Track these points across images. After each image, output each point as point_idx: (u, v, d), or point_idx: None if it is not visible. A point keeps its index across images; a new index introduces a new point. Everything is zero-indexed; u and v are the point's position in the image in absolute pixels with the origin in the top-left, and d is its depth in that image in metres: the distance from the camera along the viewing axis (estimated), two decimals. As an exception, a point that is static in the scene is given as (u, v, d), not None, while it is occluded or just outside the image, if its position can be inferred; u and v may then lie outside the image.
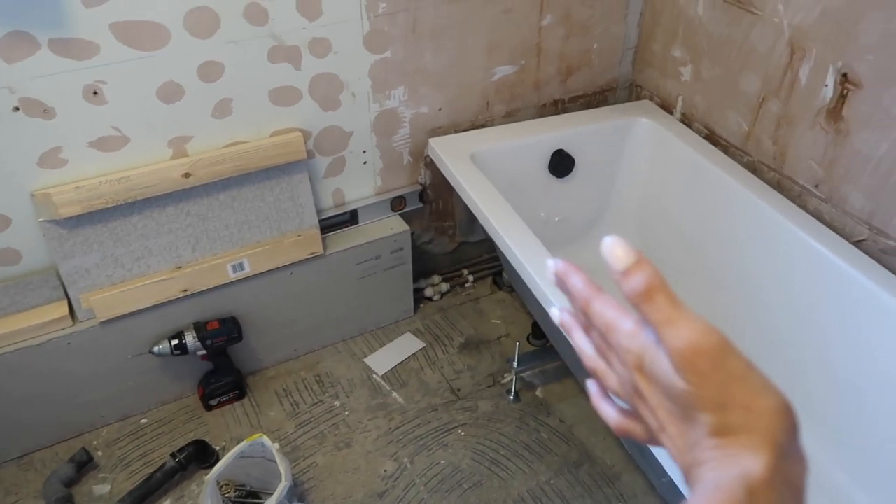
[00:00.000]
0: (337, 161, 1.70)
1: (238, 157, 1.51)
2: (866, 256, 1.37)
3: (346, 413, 1.74)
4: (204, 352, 1.64)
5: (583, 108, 1.93)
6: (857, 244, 1.43)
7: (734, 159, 1.68)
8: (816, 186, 1.51)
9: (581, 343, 0.46)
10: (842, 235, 1.44)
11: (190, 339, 1.61)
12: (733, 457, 0.35)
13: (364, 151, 1.72)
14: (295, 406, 1.76)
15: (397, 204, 1.85)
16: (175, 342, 1.60)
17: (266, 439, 1.45)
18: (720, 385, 0.36)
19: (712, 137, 1.77)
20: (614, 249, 0.39)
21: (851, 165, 1.42)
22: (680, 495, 1.00)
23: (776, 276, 1.52)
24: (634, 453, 1.59)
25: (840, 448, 1.40)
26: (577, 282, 0.43)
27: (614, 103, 1.98)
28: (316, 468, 1.62)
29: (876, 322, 1.31)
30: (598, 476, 1.59)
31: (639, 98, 1.99)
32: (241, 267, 1.63)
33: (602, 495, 1.55)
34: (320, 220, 1.72)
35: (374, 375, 1.84)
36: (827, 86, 1.42)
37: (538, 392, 1.80)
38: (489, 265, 2.15)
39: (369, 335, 1.96)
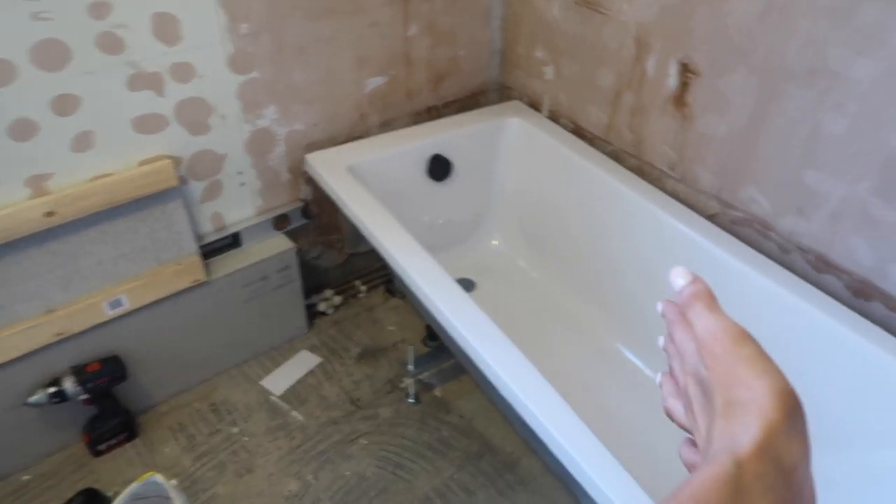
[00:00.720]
0: (213, 185, 1.67)
1: (105, 190, 1.45)
2: (718, 228, 1.50)
3: (246, 438, 1.71)
4: (86, 396, 1.56)
5: (457, 113, 1.99)
6: (711, 218, 1.56)
7: (599, 149, 1.79)
8: (671, 168, 1.63)
9: (665, 343, 0.50)
10: (697, 211, 1.56)
11: (69, 384, 1.53)
12: (731, 432, 0.37)
13: (240, 173, 1.70)
14: (191, 439, 1.71)
15: (280, 222, 1.84)
16: (52, 390, 1.52)
17: (159, 477, 1.41)
18: (730, 366, 0.40)
19: (578, 131, 1.87)
20: (676, 275, 0.48)
21: (698, 147, 1.54)
22: (569, 475, 1.06)
23: (643, 250, 1.63)
24: (528, 438, 1.66)
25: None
26: (668, 308, 0.49)
27: (486, 106, 2.05)
28: (218, 499, 1.58)
29: (721, 284, 1.44)
30: (499, 464, 1.65)
31: (509, 99, 2.08)
32: (119, 303, 1.57)
33: (504, 482, 1.61)
34: (201, 246, 1.68)
35: (272, 397, 1.82)
36: (670, 76, 1.54)
37: (437, 392, 1.84)
38: (380, 274, 2.18)
39: (264, 357, 1.94)
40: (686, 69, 1.50)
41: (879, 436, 1.20)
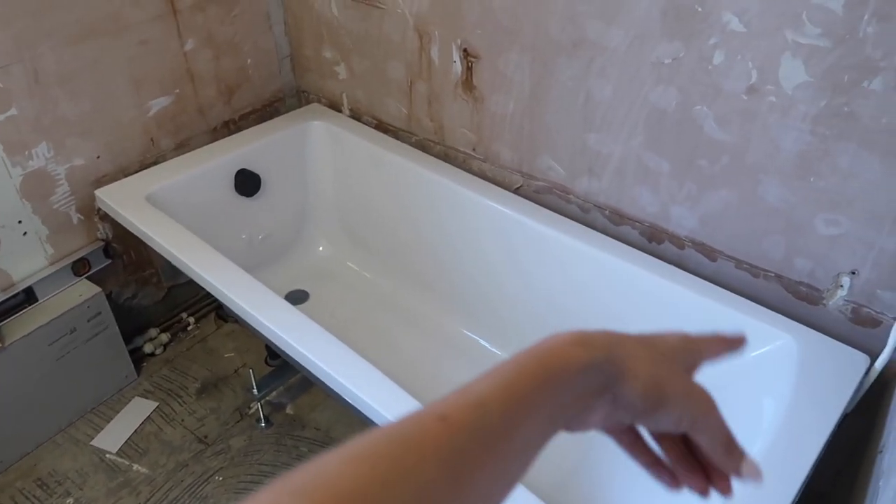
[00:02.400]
0: (-12, 240, 1.48)
1: None
2: (523, 199, 1.56)
3: (85, 507, 1.55)
4: None
5: (256, 124, 1.90)
6: (517, 190, 1.62)
7: (404, 141, 1.79)
8: (474, 150, 1.67)
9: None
10: (503, 186, 1.62)
11: None
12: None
13: (20, 222, 1.52)
14: (19, 523, 1.52)
15: (81, 267, 1.67)
16: None
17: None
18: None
19: (381, 126, 1.86)
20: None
21: (493, 126, 1.59)
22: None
23: (462, 232, 1.66)
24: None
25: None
26: None
27: (285, 112, 1.98)
28: (62, 581, 1.42)
29: (534, 250, 1.51)
30: (364, 468, 1.62)
31: (308, 103, 2.02)
32: None
33: (371, 485, 1.58)
34: (-12, 310, 1.48)
35: (108, 455, 1.66)
36: (455, 61, 1.57)
37: (288, 409, 1.77)
38: (207, 302, 2.05)
39: (91, 414, 1.75)
40: (467, 54, 1.54)
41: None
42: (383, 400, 1.10)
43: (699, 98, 1.22)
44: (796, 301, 1.26)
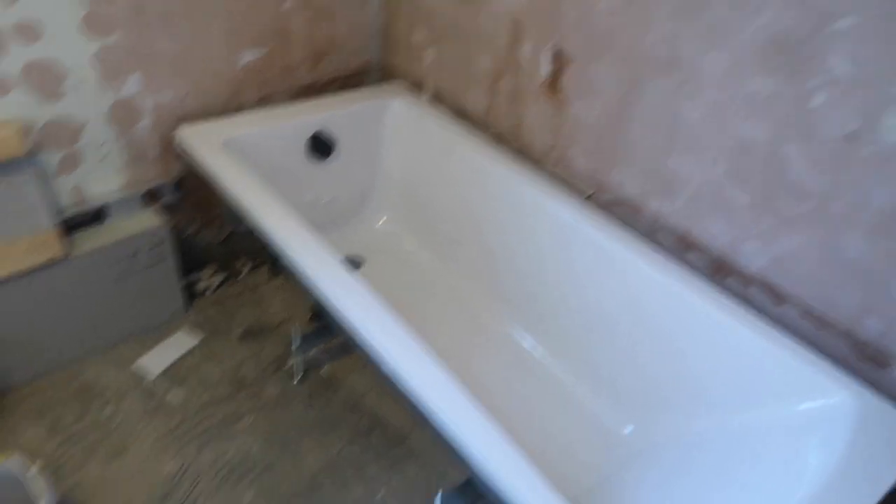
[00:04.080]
0: (71, 156, 1.44)
1: (-64, 158, 1.20)
2: (592, 210, 1.46)
3: (118, 421, 1.51)
4: (-75, 388, 1.31)
5: (338, 91, 1.83)
6: (586, 200, 1.52)
7: (480, 133, 1.71)
8: (549, 152, 1.58)
9: None
10: (574, 193, 1.52)
11: None
12: None
13: (103, 144, 1.47)
14: (56, 422, 1.49)
15: (151, 198, 1.63)
16: None
17: (15, 460, 1.20)
18: None
19: (460, 114, 1.77)
20: None
21: (573, 132, 1.49)
22: (452, 447, 0.98)
23: (523, 231, 1.57)
24: (416, 412, 1.57)
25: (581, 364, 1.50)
26: None
27: (369, 85, 1.91)
28: (87, 483, 1.38)
29: (595, 263, 1.41)
30: (389, 439, 1.56)
31: (392, 80, 1.95)
32: (-37, 284, 1.32)
33: (394, 456, 1.52)
34: (63, 220, 1.45)
35: (147, 378, 1.62)
36: (544, 62, 1.48)
37: (325, 369, 1.71)
38: (264, 253, 1.99)
39: (139, 338, 1.72)
40: (558, 57, 1.44)
41: (733, 398, 1.21)
42: (421, 376, 1.03)
43: (792, 138, 1.10)
44: (861, 362, 1.15)
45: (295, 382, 1.66)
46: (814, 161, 1.10)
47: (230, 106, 1.65)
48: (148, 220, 1.61)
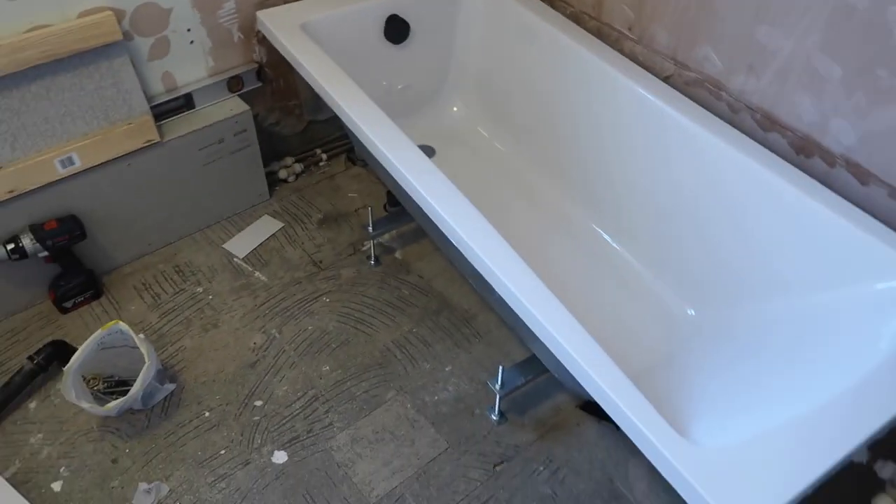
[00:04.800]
0: (160, 42, 1.57)
1: (42, 41, 1.35)
2: (672, 90, 1.46)
3: (210, 297, 1.71)
4: (46, 253, 1.53)
5: (414, -27, 1.85)
6: (666, 80, 1.51)
7: (559, 11, 1.70)
8: (630, 29, 1.56)
9: None
10: (654, 73, 1.51)
11: (27, 241, 1.49)
12: None
13: (189, 30, 1.59)
14: (156, 298, 1.71)
15: (234, 85, 1.75)
16: (11, 246, 1.48)
17: (122, 325, 1.41)
18: None
19: (538, -7, 1.77)
20: None
21: (656, 4, 1.47)
22: (522, 324, 1.07)
23: (600, 114, 1.59)
24: (485, 295, 1.68)
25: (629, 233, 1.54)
26: None
27: (446, -34, 1.91)
28: (185, 351, 1.59)
29: (675, 145, 1.42)
30: (457, 319, 1.68)
31: (469, -40, 1.94)
32: (71, 161, 1.50)
33: (461, 335, 1.64)
34: (153, 107, 1.60)
35: (235, 259, 1.80)
36: (630, -71, 1.44)
37: (397, 254, 1.83)
38: (341, 142, 2.11)
39: (226, 221, 1.90)
40: (647, -81, 1.40)
41: (810, 280, 1.22)
42: (495, 257, 1.11)
43: (901, -4, 1.05)
44: (949, 242, 1.13)
45: (370, 265, 1.80)
46: (919, 25, 1.05)
47: (307, -10, 1.72)
48: (233, 107, 1.74)
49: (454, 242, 1.18)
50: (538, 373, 1.43)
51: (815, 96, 1.23)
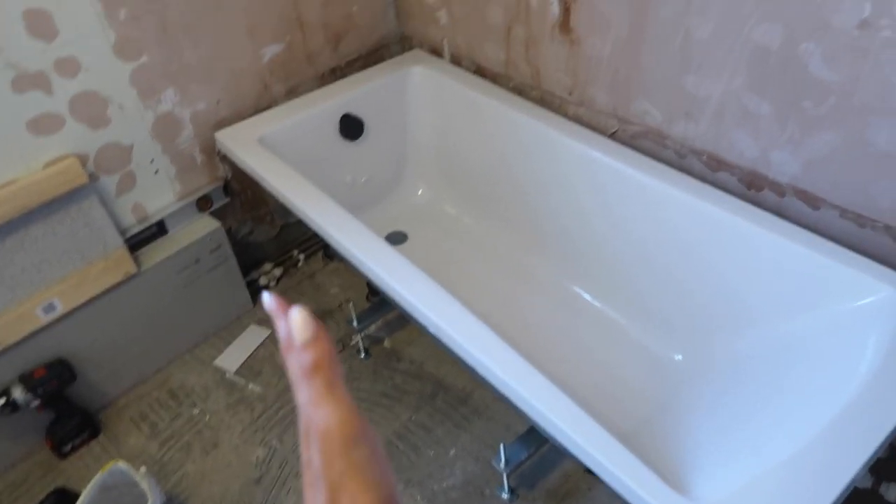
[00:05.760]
0: (126, 176, 1.64)
1: (12, 197, 1.42)
2: (619, 144, 1.53)
3: (207, 417, 1.73)
4: (38, 402, 1.56)
5: (362, 70, 1.96)
6: (612, 136, 1.59)
7: (502, 86, 1.80)
8: (570, 94, 1.65)
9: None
10: (600, 131, 1.59)
11: (18, 393, 1.52)
12: None
13: (152, 161, 1.68)
14: (154, 426, 1.73)
15: (204, 204, 1.82)
16: (2, 401, 1.51)
17: (122, 464, 1.42)
18: (340, 471, 0.37)
19: (480, 70, 1.87)
20: (298, 322, 0.42)
21: (590, 69, 1.56)
22: (508, 401, 1.10)
23: (557, 177, 1.66)
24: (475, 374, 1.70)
25: (598, 280, 1.59)
26: (281, 327, 0.44)
27: (390, 58, 2.03)
28: (188, 477, 1.60)
29: (628, 196, 1.49)
30: (453, 400, 1.70)
31: (411, 48, 2.06)
32: (53, 307, 1.55)
33: (459, 415, 1.66)
34: (127, 239, 1.67)
35: (228, 374, 1.84)
36: (552, 3, 1.55)
37: (386, 343, 1.87)
38: (316, 241, 2.18)
39: (214, 338, 1.94)
40: (566, -6, 1.51)
41: (778, 310, 1.27)
42: (473, 339, 1.15)
43: (806, 34, 1.14)
44: (905, 253, 1.18)
45: (360, 359, 1.83)
46: (831, 55, 1.13)
47: (261, 103, 1.82)
48: (205, 226, 1.81)
49: (430, 330, 1.22)
50: (540, 443, 1.45)
51: (751, 134, 1.31)
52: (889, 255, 1.19)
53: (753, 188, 1.36)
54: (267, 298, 0.45)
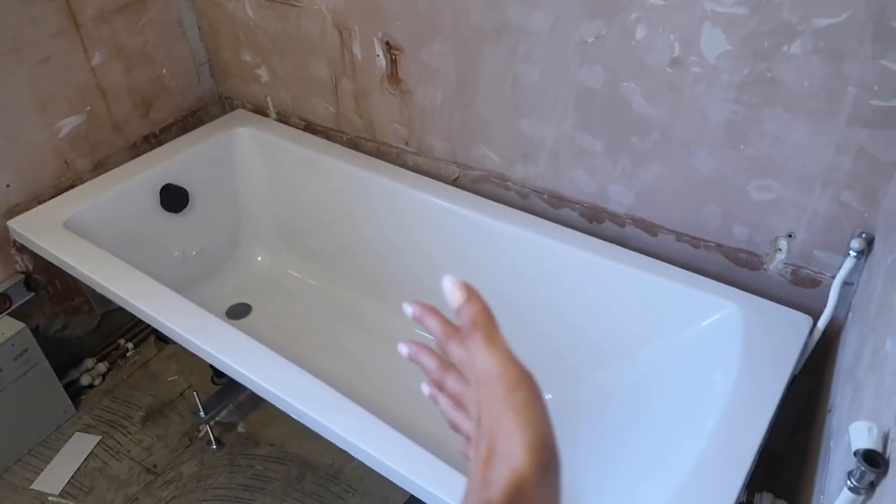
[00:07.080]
0: None
1: None
2: (461, 190, 1.54)
3: (30, 556, 1.47)
4: None
5: (179, 135, 1.82)
6: (454, 182, 1.59)
7: (335, 141, 1.75)
8: (407, 144, 1.64)
9: (443, 405, 0.52)
10: (440, 179, 1.59)
11: None
12: (487, 480, 0.38)
13: (-73, 261, 1.41)
14: (-42, 581, 1.43)
15: (1, 304, 1.57)
16: None
17: None
18: (499, 412, 0.39)
19: (310, 127, 1.81)
20: (450, 288, 0.45)
21: (424, 118, 1.56)
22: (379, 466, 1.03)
23: (402, 228, 1.63)
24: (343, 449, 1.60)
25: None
26: (432, 324, 0.49)
27: (209, 121, 1.90)
28: None
29: (473, 238, 1.49)
30: (323, 479, 1.58)
31: (232, 109, 1.95)
32: None
33: (332, 494, 1.54)
34: None
35: (51, 497, 1.57)
36: (378, 55, 1.53)
37: (240, 428, 1.71)
38: (145, 325, 1.96)
39: (29, 456, 1.66)
40: (390, 47, 1.50)
41: (637, 340, 1.31)
42: (330, 414, 1.08)
43: (626, 75, 1.21)
44: (738, 268, 1.27)
45: (213, 450, 1.65)
46: (649, 93, 1.20)
47: (63, 182, 1.62)
48: (4, 330, 1.55)
49: (281, 407, 1.12)
50: (424, 511, 1.37)
51: (587, 170, 1.36)
52: (724, 271, 1.28)
53: (595, 221, 1.41)
54: (409, 310, 0.50)
